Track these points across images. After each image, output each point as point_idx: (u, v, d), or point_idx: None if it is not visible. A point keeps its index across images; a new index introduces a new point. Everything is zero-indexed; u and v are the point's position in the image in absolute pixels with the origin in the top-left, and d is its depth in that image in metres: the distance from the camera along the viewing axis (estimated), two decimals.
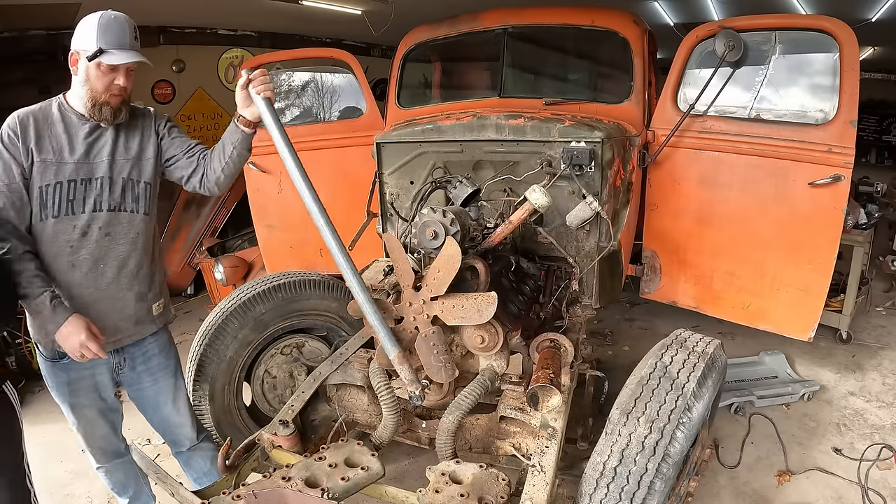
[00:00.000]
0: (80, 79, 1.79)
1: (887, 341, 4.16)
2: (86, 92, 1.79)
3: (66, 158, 1.79)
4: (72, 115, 1.83)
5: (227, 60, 6.85)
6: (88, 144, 1.83)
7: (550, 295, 2.57)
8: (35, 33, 4.93)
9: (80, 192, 1.81)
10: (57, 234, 1.79)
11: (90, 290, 1.86)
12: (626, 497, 1.55)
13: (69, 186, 1.79)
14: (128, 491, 2.26)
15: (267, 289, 2.55)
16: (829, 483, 2.72)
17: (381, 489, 1.75)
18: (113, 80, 1.77)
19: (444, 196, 2.58)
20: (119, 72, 1.78)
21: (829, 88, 2.70)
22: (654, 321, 4.49)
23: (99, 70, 1.75)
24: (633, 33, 3.34)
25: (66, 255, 1.81)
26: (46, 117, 1.81)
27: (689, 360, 1.86)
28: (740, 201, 2.95)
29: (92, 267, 1.85)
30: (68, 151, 1.80)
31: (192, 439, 2.24)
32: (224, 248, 5.05)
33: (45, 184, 1.77)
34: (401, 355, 1.86)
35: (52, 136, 1.79)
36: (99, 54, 1.72)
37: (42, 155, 1.77)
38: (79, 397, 1.98)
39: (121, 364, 2.02)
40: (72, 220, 1.80)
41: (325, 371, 2.34)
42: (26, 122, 1.77)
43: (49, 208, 1.78)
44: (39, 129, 1.78)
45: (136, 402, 2.16)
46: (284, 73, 4.21)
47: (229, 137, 1.95)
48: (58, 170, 1.78)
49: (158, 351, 2.10)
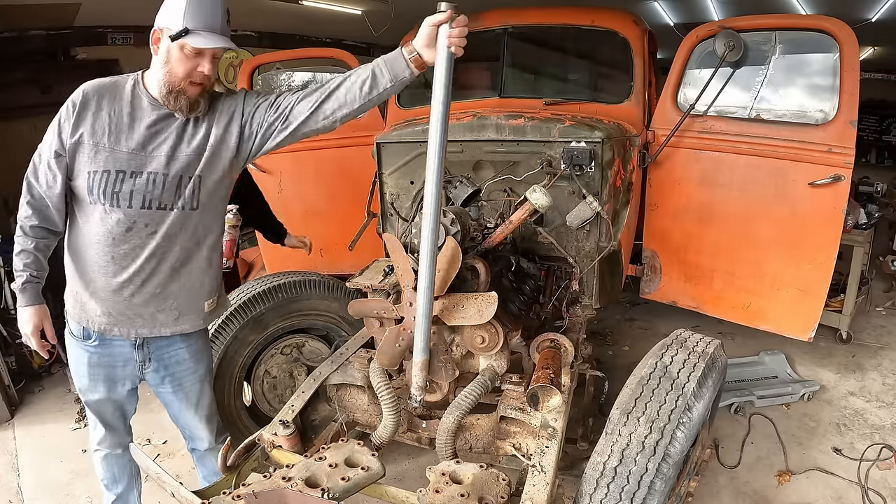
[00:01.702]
0: (160, 59, 1.63)
1: (887, 341, 4.16)
2: (164, 75, 1.63)
3: (120, 146, 1.66)
4: (143, 98, 1.69)
5: (227, 60, 6.82)
6: (150, 134, 1.69)
7: (550, 295, 2.57)
8: (35, 33, 4.92)
9: (128, 185, 1.67)
10: (103, 222, 1.71)
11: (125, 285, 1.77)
12: (626, 497, 1.55)
13: (116, 177, 1.66)
14: (117, 486, 2.21)
15: (267, 289, 2.55)
16: (829, 483, 2.72)
17: (382, 489, 1.75)
18: (196, 65, 1.62)
19: (444, 196, 2.58)
20: (204, 57, 1.62)
21: (829, 88, 2.71)
22: (654, 321, 4.49)
23: (182, 53, 1.60)
24: (633, 33, 3.34)
25: (107, 244, 1.72)
26: (116, 94, 1.68)
27: (690, 360, 1.86)
28: (740, 201, 2.95)
29: (131, 262, 1.75)
30: (125, 138, 1.67)
31: (211, 442, 2.20)
32: None
33: (94, 169, 1.66)
34: (426, 362, 1.85)
35: (115, 117, 1.66)
36: (184, 34, 1.56)
37: (96, 137, 1.65)
38: (96, 382, 1.93)
39: (145, 363, 1.94)
40: (117, 214, 1.69)
41: (325, 371, 2.34)
42: (90, 97, 1.66)
43: (95, 195, 1.67)
44: (101, 107, 1.66)
45: (159, 398, 2.11)
46: (284, 73, 4.21)
47: (391, 70, 1.66)
48: (108, 157, 1.66)
49: (188, 356, 2.00)
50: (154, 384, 2.03)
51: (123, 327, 1.84)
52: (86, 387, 1.96)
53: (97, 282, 1.78)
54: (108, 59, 5.13)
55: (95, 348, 1.88)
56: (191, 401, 2.08)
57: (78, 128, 1.65)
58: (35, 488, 2.84)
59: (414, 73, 1.66)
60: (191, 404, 2.09)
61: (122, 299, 1.80)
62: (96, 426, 2.07)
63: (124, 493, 2.24)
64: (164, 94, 1.66)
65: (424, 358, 1.84)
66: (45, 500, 2.76)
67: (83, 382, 1.95)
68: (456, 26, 1.54)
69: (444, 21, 1.54)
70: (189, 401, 2.08)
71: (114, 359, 1.92)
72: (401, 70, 1.66)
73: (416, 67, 1.65)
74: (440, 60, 1.57)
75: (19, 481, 2.90)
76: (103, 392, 1.96)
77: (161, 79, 1.65)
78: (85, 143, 1.66)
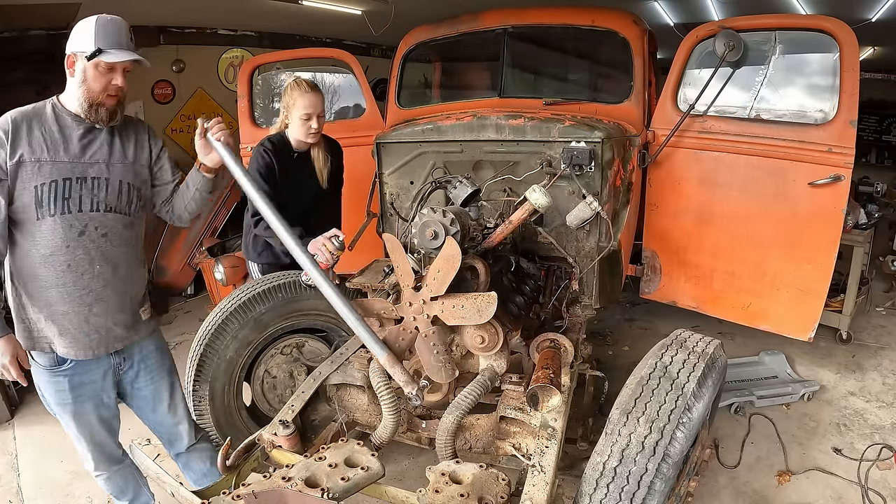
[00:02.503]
0: (76, 80, 1.79)
1: (887, 341, 4.16)
2: (83, 92, 1.79)
3: (60, 157, 1.79)
4: (66, 116, 1.83)
5: (227, 60, 6.84)
6: (83, 145, 1.84)
7: (550, 295, 2.57)
8: (35, 33, 4.93)
9: (77, 191, 1.81)
10: (54, 233, 1.79)
11: (85, 292, 1.86)
12: (626, 497, 1.55)
13: (64, 185, 1.79)
14: (126, 495, 2.26)
15: (267, 289, 2.54)
16: (829, 483, 2.72)
17: (381, 489, 1.75)
18: (110, 80, 1.80)
19: (444, 196, 2.58)
20: (116, 72, 1.80)
21: (829, 88, 2.71)
22: (654, 321, 4.49)
23: (96, 70, 1.77)
24: (633, 33, 3.34)
25: (62, 253, 1.81)
26: (40, 116, 1.81)
27: (689, 360, 1.86)
28: (740, 201, 2.95)
29: (88, 268, 1.85)
30: (63, 150, 1.80)
31: (191, 439, 2.25)
32: (224, 248, 5.05)
33: (41, 182, 1.76)
34: (391, 358, 1.85)
35: (47, 135, 1.79)
36: (98, 54, 1.74)
37: (36, 154, 1.76)
38: (82, 403, 1.98)
39: (121, 364, 2.04)
40: (69, 220, 1.80)
41: (325, 371, 2.34)
42: (19, 122, 1.76)
43: (46, 206, 1.77)
44: (32, 129, 1.78)
45: (133, 403, 2.17)
46: (284, 73, 4.21)
47: (192, 180, 2.05)
48: (52, 168, 1.78)
49: (154, 349, 2.13)
50: (130, 382, 2.09)
51: (81, 349, 1.90)
52: (73, 412, 1.98)
53: (53, 298, 1.84)
54: None
55: (73, 370, 1.93)
56: (165, 393, 2.16)
57: (16, 150, 1.75)
58: (35, 488, 2.84)
59: (206, 177, 2.05)
60: (165, 397, 2.17)
61: (82, 309, 1.86)
62: (89, 454, 2.10)
63: (136, 495, 2.29)
64: (87, 108, 1.82)
65: (385, 354, 1.85)
66: (45, 500, 2.76)
67: (70, 409, 1.97)
68: (212, 127, 1.94)
69: (203, 132, 1.94)
70: (163, 394, 2.16)
71: (93, 374, 1.97)
72: (197, 178, 2.05)
73: (206, 172, 2.03)
74: (222, 154, 1.93)
75: (19, 481, 2.90)
76: (91, 410, 2.01)
77: (81, 96, 1.81)
78: (26, 161, 1.75)
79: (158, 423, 2.21)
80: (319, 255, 2.39)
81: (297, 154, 2.79)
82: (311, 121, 2.65)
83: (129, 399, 2.15)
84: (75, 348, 1.89)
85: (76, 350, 1.89)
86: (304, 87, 2.64)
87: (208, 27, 6.54)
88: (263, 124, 3.97)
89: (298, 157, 2.79)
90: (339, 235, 2.44)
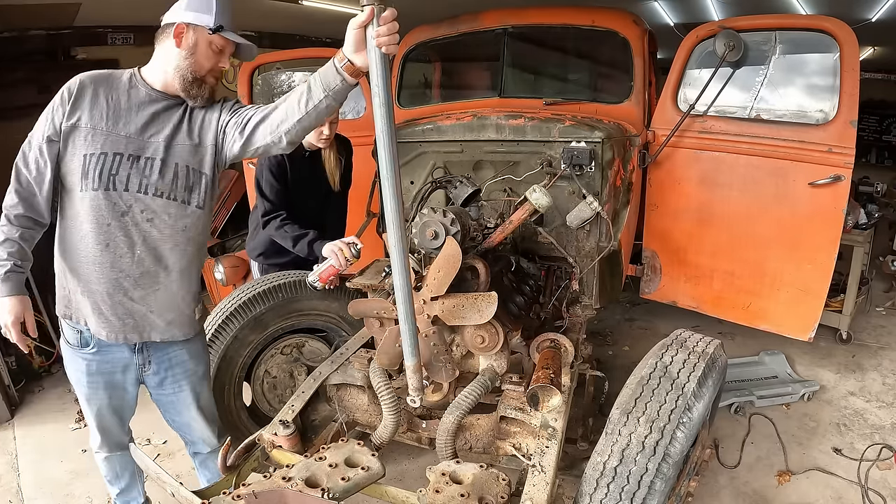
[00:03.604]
0: (183, 52, 1.71)
1: (887, 341, 4.16)
2: (189, 65, 1.71)
3: (118, 129, 1.70)
4: (142, 88, 1.74)
5: None
6: (147, 121, 1.73)
7: (550, 295, 2.57)
8: (35, 33, 4.92)
9: (125, 169, 1.69)
10: (95, 209, 1.70)
11: (122, 275, 1.76)
12: (626, 497, 1.55)
13: (114, 159, 1.68)
14: (120, 481, 2.23)
15: (267, 289, 2.54)
16: (829, 483, 2.72)
17: (382, 489, 1.75)
18: (219, 60, 1.76)
19: (444, 196, 2.58)
20: (224, 53, 1.77)
21: (829, 88, 2.71)
22: (654, 321, 4.49)
23: (209, 48, 1.72)
24: (633, 33, 3.34)
25: (102, 231, 1.71)
26: (112, 83, 1.73)
27: (690, 360, 1.86)
28: (740, 201, 2.95)
29: (127, 251, 1.74)
30: (123, 122, 1.71)
31: (212, 444, 2.20)
32: (224, 248, 5.05)
33: (91, 152, 1.67)
34: (418, 365, 1.82)
35: (111, 103, 1.70)
36: (220, 30, 1.70)
37: (94, 121, 1.68)
38: (96, 390, 1.93)
39: (144, 366, 1.94)
40: (113, 197, 1.70)
41: (325, 371, 2.34)
42: (86, 84, 1.69)
43: (91, 179, 1.68)
44: (98, 94, 1.69)
45: (157, 402, 2.11)
46: (284, 73, 4.21)
47: (322, 82, 1.61)
48: (106, 140, 1.68)
49: (188, 357, 2.01)
50: (153, 386, 2.02)
51: (112, 331, 1.82)
52: (86, 395, 1.96)
53: (91, 276, 1.76)
54: (107, 59, 5.12)
55: (94, 356, 1.87)
56: (191, 401, 2.08)
57: (75, 112, 1.68)
58: (35, 488, 2.84)
59: (347, 81, 1.59)
60: (191, 405, 2.08)
61: (117, 292, 1.78)
62: (95, 431, 2.08)
63: (128, 486, 2.27)
64: (189, 82, 1.72)
65: (415, 361, 1.79)
66: (45, 500, 2.76)
67: (83, 391, 1.95)
68: (383, 23, 1.42)
69: (368, 21, 1.43)
70: (189, 401, 2.07)
71: (113, 365, 1.91)
72: (333, 80, 1.60)
73: (350, 75, 1.58)
74: (373, 63, 1.45)
75: (19, 481, 2.90)
76: (104, 399, 1.97)
77: (186, 69, 1.72)
78: (82, 126, 1.68)
79: (182, 426, 2.15)
80: (333, 258, 2.35)
81: (309, 153, 2.79)
82: (324, 127, 2.63)
83: (155, 399, 2.09)
84: (107, 329, 1.81)
85: (107, 331, 1.81)
86: None
87: None
88: None
89: (310, 156, 2.79)
90: (357, 243, 2.37)
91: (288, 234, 2.62)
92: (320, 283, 2.41)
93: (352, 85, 1.61)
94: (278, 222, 2.66)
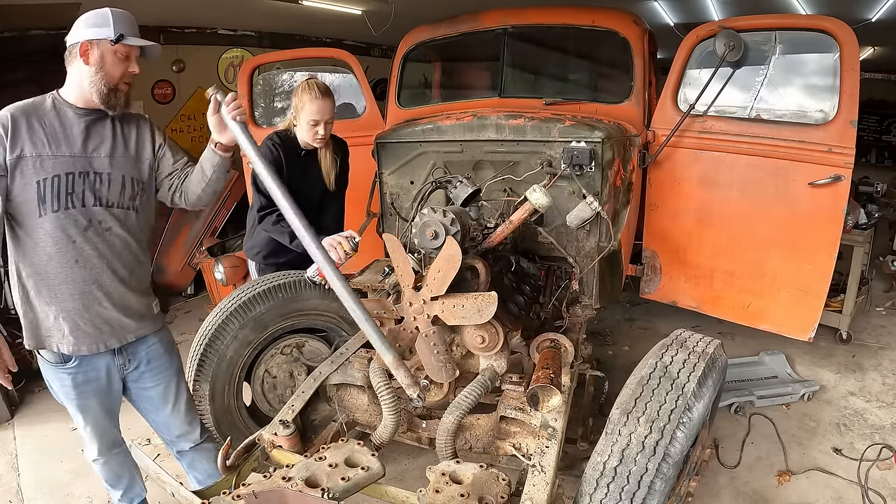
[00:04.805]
0: (93, 67, 1.78)
1: (887, 341, 4.16)
2: (101, 78, 1.79)
3: (63, 151, 1.78)
4: (67, 109, 1.82)
5: (227, 60, 6.85)
6: (85, 139, 1.83)
7: (550, 295, 2.57)
8: (35, 33, 4.93)
9: (80, 186, 1.79)
10: (59, 230, 1.78)
11: (94, 287, 1.86)
12: (626, 497, 1.55)
13: (67, 179, 1.77)
14: (122, 482, 2.26)
15: (267, 289, 2.54)
16: (829, 483, 2.72)
17: (382, 489, 1.75)
18: (128, 66, 1.82)
19: (444, 196, 2.58)
20: (131, 59, 1.83)
21: (829, 88, 2.71)
22: (654, 321, 4.49)
23: (115, 56, 1.78)
24: (633, 33, 3.34)
25: (69, 249, 1.80)
26: (39, 111, 1.79)
27: (690, 360, 1.86)
28: (740, 201, 2.95)
29: (97, 262, 1.84)
30: (65, 145, 1.79)
31: (195, 439, 2.24)
32: (224, 248, 5.05)
33: (43, 177, 1.74)
34: (397, 360, 1.83)
35: (48, 129, 1.77)
36: (121, 39, 1.77)
37: (37, 149, 1.74)
38: (87, 398, 1.99)
39: (126, 365, 2.03)
40: (73, 215, 1.79)
41: (325, 371, 2.34)
42: (17, 117, 1.74)
43: (49, 202, 1.76)
44: (32, 123, 1.75)
45: (137, 402, 2.16)
46: (285, 73, 4.21)
47: (207, 162, 1.97)
48: (54, 162, 1.76)
49: (163, 351, 2.11)
50: (134, 381, 2.08)
51: (93, 342, 1.90)
52: (78, 406, 1.99)
53: (64, 295, 1.83)
54: None
55: (77, 368, 1.93)
56: (171, 394, 2.15)
57: (16, 145, 1.73)
58: (35, 488, 2.84)
59: (223, 156, 1.96)
60: (171, 398, 2.15)
61: (92, 304, 1.86)
62: (91, 439, 2.10)
63: (129, 486, 2.29)
64: (105, 93, 1.81)
65: (391, 357, 1.81)
66: (45, 500, 2.76)
67: (74, 402, 1.99)
68: (228, 104, 1.84)
69: (217, 108, 1.86)
70: (169, 395, 2.15)
71: (98, 372, 1.98)
72: (213, 158, 1.96)
73: (223, 151, 1.95)
74: (237, 134, 1.86)
75: (19, 481, 2.90)
76: (95, 405, 2.02)
77: (98, 82, 1.80)
78: (27, 156, 1.74)
79: (163, 424, 2.20)
80: (332, 252, 2.39)
81: (305, 152, 2.78)
82: (319, 127, 2.64)
83: (134, 399, 2.15)
84: (87, 342, 1.88)
85: (88, 345, 1.88)
86: (315, 91, 2.59)
87: (208, 27, 6.55)
88: (263, 124, 3.97)
89: (306, 154, 2.79)
90: (356, 237, 2.44)
91: (284, 230, 2.63)
92: (319, 277, 2.45)
93: (227, 157, 1.98)
94: (274, 217, 2.67)
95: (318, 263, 1.87)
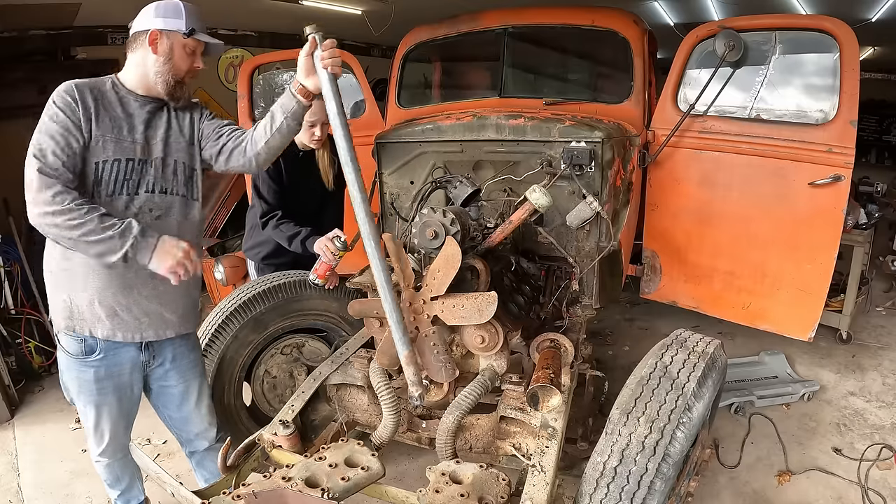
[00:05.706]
0: (159, 58, 1.78)
1: (887, 341, 4.16)
2: (168, 69, 1.79)
3: (125, 136, 1.77)
4: (128, 96, 1.81)
5: (227, 60, 6.84)
6: (146, 125, 1.82)
7: (550, 295, 2.56)
8: (35, 33, 4.93)
9: (137, 173, 1.78)
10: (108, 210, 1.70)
11: (135, 275, 1.80)
12: (626, 497, 1.55)
13: (127, 165, 1.76)
14: (121, 484, 2.25)
15: (267, 289, 2.55)
16: (829, 483, 2.72)
17: (382, 489, 1.75)
18: (194, 61, 1.84)
19: (444, 196, 2.58)
20: (197, 55, 1.85)
21: (829, 88, 2.70)
22: (654, 321, 4.49)
23: (184, 50, 1.80)
24: (633, 33, 3.34)
25: None
26: (102, 93, 1.77)
27: (690, 360, 1.86)
28: (740, 201, 2.95)
29: None
30: (127, 129, 1.78)
31: (211, 440, 2.23)
32: (224, 248, 5.05)
33: (103, 159, 1.72)
34: (411, 355, 1.82)
35: (110, 110, 1.76)
36: (192, 34, 1.79)
37: (101, 129, 1.72)
38: (105, 395, 1.94)
39: (150, 361, 1.99)
40: (125, 201, 1.76)
41: (325, 371, 2.34)
42: (84, 92, 1.71)
43: (104, 185, 1.73)
44: (97, 101, 1.74)
45: (156, 398, 2.12)
46: (285, 73, 4.21)
47: (281, 106, 1.84)
48: (116, 147, 1.74)
49: (190, 349, 2.09)
50: (157, 379, 2.05)
51: (128, 331, 1.85)
52: (95, 402, 1.95)
53: (103, 280, 1.77)
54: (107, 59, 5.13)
55: (101, 361, 1.88)
56: (193, 393, 2.13)
57: (88, 119, 1.71)
58: (35, 488, 2.84)
59: (302, 103, 1.82)
60: (193, 397, 2.13)
61: (132, 293, 1.81)
62: (101, 439, 2.06)
63: (127, 488, 2.28)
64: (171, 85, 1.82)
65: (408, 351, 1.80)
66: (45, 500, 2.76)
67: (91, 399, 1.94)
68: (325, 49, 1.70)
69: (312, 49, 1.72)
70: (191, 393, 2.12)
71: (121, 367, 1.93)
72: (289, 103, 1.83)
73: (303, 97, 1.81)
74: (324, 83, 1.72)
75: (19, 481, 2.90)
76: (114, 403, 1.97)
77: (164, 73, 1.80)
78: (93, 134, 1.72)
79: (181, 421, 2.17)
80: (323, 255, 2.42)
81: (303, 154, 2.81)
82: (315, 128, 2.67)
83: (154, 396, 2.11)
84: (123, 330, 1.84)
85: (124, 332, 1.84)
86: None
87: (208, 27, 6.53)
88: None
89: (304, 155, 2.81)
90: (341, 236, 2.47)
91: (284, 233, 2.67)
92: (319, 279, 2.49)
93: (306, 106, 1.84)
94: (275, 222, 2.71)
95: None
